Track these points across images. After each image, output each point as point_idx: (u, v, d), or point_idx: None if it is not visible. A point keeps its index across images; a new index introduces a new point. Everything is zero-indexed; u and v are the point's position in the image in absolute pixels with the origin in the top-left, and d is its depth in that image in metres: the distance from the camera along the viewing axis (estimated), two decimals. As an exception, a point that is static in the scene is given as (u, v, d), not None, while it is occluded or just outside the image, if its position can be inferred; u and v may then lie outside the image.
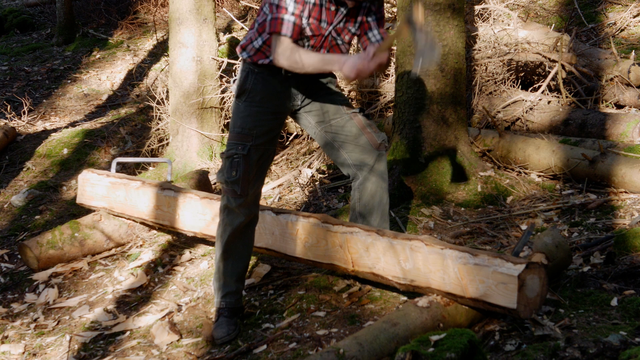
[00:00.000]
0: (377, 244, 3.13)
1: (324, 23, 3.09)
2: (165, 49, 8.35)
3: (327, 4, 3.06)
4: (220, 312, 3.36)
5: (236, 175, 3.21)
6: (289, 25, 3.01)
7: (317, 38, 3.11)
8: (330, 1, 3.06)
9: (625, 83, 5.87)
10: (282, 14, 3.01)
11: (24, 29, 11.42)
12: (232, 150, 3.22)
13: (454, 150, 4.52)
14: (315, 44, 3.12)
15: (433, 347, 2.31)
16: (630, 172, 4.31)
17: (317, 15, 3.07)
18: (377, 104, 6.25)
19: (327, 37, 3.13)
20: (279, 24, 3.01)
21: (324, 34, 3.11)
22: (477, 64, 6.01)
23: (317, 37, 3.11)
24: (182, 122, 6.11)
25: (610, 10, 7.73)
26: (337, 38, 3.16)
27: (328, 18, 3.09)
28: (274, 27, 3.02)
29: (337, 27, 3.13)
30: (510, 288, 2.65)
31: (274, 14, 3.02)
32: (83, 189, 4.91)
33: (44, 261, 4.53)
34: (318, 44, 3.13)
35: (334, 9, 3.08)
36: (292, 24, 3.01)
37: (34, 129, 7.37)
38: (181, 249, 4.51)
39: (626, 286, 3.07)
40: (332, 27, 3.11)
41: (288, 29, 3.02)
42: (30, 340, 3.81)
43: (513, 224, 4.12)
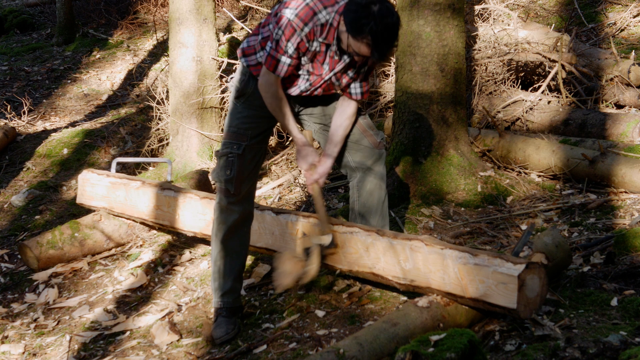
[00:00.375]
0: (377, 244, 3.13)
1: (326, 66, 3.15)
2: (165, 49, 8.35)
3: (332, 52, 3.11)
4: (219, 312, 3.37)
5: (230, 174, 3.24)
6: (283, 67, 3.09)
7: (317, 77, 3.18)
8: (335, 52, 3.11)
9: (625, 83, 5.87)
10: (279, 55, 3.06)
11: (24, 29, 11.42)
12: (227, 149, 3.25)
13: (454, 150, 4.52)
14: (314, 83, 3.20)
15: (433, 347, 2.31)
16: (630, 172, 4.31)
17: (321, 59, 3.13)
18: (377, 104, 6.25)
19: (326, 80, 3.20)
20: (274, 65, 3.09)
21: (324, 78, 3.18)
22: (477, 64, 6.01)
23: (317, 78, 3.18)
24: (182, 122, 6.11)
25: (610, 10, 7.73)
26: (335, 83, 3.23)
27: (330, 64, 3.15)
28: (269, 65, 3.10)
29: (337, 73, 3.19)
30: (510, 288, 2.65)
31: (272, 51, 3.07)
32: (83, 189, 4.90)
33: (44, 261, 4.53)
34: (317, 83, 3.20)
35: (337, 58, 3.13)
36: (286, 66, 3.09)
37: (34, 129, 7.37)
38: (181, 249, 4.51)
39: (626, 286, 3.07)
40: (332, 74, 3.18)
41: (281, 71, 3.10)
42: (30, 340, 3.81)
43: (513, 224, 4.12)
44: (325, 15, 3.01)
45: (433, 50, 4.45)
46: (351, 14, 2.92)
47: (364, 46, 2.94)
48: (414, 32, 4.46)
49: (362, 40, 2.92)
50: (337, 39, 3.06)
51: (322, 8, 3.01)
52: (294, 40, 3.02)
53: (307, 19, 2.99)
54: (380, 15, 2.87)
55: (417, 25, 4.45)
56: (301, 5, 3.00)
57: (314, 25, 3.00)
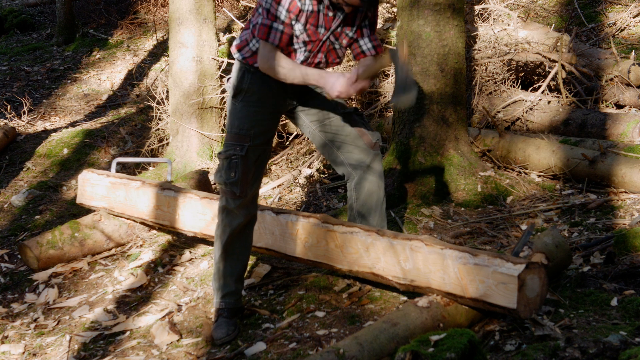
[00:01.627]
0: (377, 244, 3.13)
1: (322, 28, 3.09)
2: (165, 49, 8.35)
3: (325, 9, 3.05)
4: (220, 313, 3.37)
5: (235, 176, 3.21)
6: (276, 34, 3.01)
7: (314, 43, 3.11)
8: (327, 7, 3.05)
9: (625, 83, 5.87)
10: (271, 21, 3.00)
11: (24, 29, 11.42)
12: (230, 151, 3.22)
13: (454, 150, 4.52)
14: (312, 49, 3.12)
15: (433, 347, 2.31)
16: (630, 172, 4.31)
17: (315, 21, 3.06)
18: (377, 104, 6.25)
19: (324, 42, 3.13)
20: (266, 32, 3.01)
21: (322, 39, 3.11)
22: (477, 64, 6.01)
23: (315, 42, 3.11)
24: (182, 122, 6.11)
25: (610, 10, 7.73)
26: (334, 42, 3.16)
27: (326, 23, 3.09)
28: (261, 33, 3.03)
29: (335, 31, 3.13)
30: (510, 288, 2.65)
31: (263, 20, 3.01)
32: (83, 189, 4.91)
33: (44, 261, 4.53)
34: (315, 48, 3.13)
35: (332, 14, 3.07)
36: (279, 32, 3.02)
37: (34, 129, 7.37)
38: (181, 249, 4.51)
39: (626, 286, 3.07)
40: (329, 32, 3.11)
41: (275, 38, 3.02)
42: (30, 340, 3.81)
43: (513, 224, 4.12)
44: None
45: (433, 50, 4.45)
46: None
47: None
48: (414, 32, 4.47)
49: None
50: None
51: None
52: (284, 3, 2.97)
53: None
54: None
55: (417, 25, 4.45)
56: None
57: None
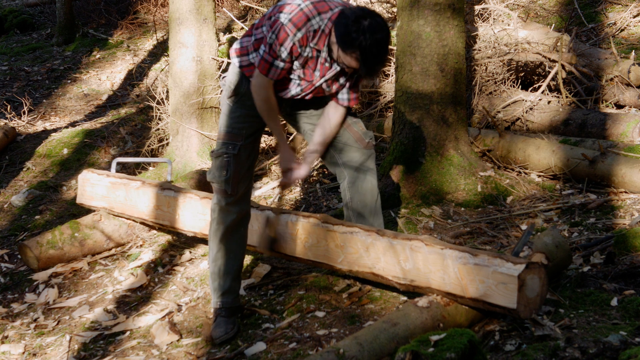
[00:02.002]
0: (377, 244, 3.13)
1: (317, 72, 3.15)
2: (165, 49, 8.35)
3: (323, 59, 3.11)
4: (218, 312, 3.37)
5: (227, 174, 3.25)
6: (276, 71, 3.10)
7: (308, 84, 3.18)
8: (325, 59, 3.11)
9: (625, 83, 5.87)
10: (273, 59, 3.07)
11: (24, 29, 11.42)
12: (222, 149, 3.26)
13: (454, 150, 4.52)
14: (305, 89, 3.20)
15: (433, 347, 2.31)
16: (630, 172, 4.31)
17: (313, 66, 3.13)
18: (377, 104, 6.25)
19: (317, 87, 3.20)
20: (267, 68, 3.09)
21: (315, 84, 3.18)
22: (477, 64, 6.01)
23: (309, 84, 3.18)
24: (182, 122, 6.11)
25: (610, 10, 7.73)
26: (325, 89, 3.23)
27: (321, 71, 3.15)
28: (262, 68, 3.10)
29: (328, 80, 3.19)
30: (510, 288, 2.65)
31: (265, 55, 3.07)
32: (83, 189, 4.90)
33: (44, 261, 4.53)
34: (307, 89, 3.21)
35: (328, 65, 3.13)
36: (279, 69, 3.09)
37: (34, 129, 7.37)
38: (181, 249, 4.51)
39: (626, 286, 3.07)
40: (322, 80, 3.18)
41: (274, 75, 3.11)
42: (30, 340, 3.81)
43: (513, 224, 4.12)
44: (318, 22, 3.02)
45: (433, 50, 4.45)
46: (342, 27, 2.93)
47: (353, 60, 2.96)
48: (414, 32, 4.46)
49: (351, 54, 2.94)
50: (328, 47, 3.06)
51: (316, 14, 3.01)
52: (287, 45, 3.02)
53: (300, 24, 3.00)
54: (370, 30, 2.88)
55: (417, 25, 4.45)
56: (295, 11, 3.00)
57: (307, 30, 3.01)
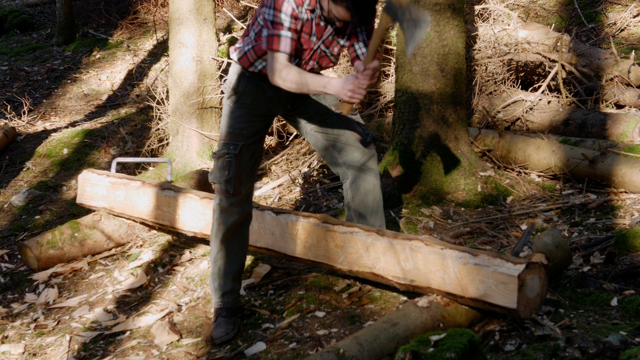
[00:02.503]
0: (377, 244, 3.13)
1: (314, 37, 3.11)
2: (165, 49, 8.35)
3: (317, 19, 3.07)
4: (219, 312, 3.37)
5: (229, 175, 3.24)
6: (286, 42, 3.00)
7: (306, 51, 3.13)
8: (320, 17, 3.07)
9: (625, 83, 5.87)
10: (278, 30, 2.99)
11: (24, 29, 11.42)
12: (224, 150, 3.25)
13: (454, 150, 4.52)
14: (304, 57, 3.15)
15: (433, 347, 2.31)
16: (630, 172, 4.31)
17: (308, 30, 3.08)
18: (377, 104, 6.25)
19: (315, 50, 3.15)
20: (276, 42, 3.00)
21: (313, 47, 3.13)
22: (477, 64, 6.01)
23: (307, 51, 3.13)
24: (182, 122, 6.11)
25: (610, 10, 7.73)
26: (326, 51, 3.18)
27: (317, 33, 3.11)
28: (271, 44, 3.01)
29: (326, 40, 3.15)
30: (510, 288, 2.65)
31: (270, 30, 3.01)
32: (83, 189, 4.91)
33: (44, 261, 4.53)
34: (307, 56, 3.15)
35: (323, 24, 3.10)
36: (289, 40, 3.01)
37: (34, 129, 7.37)
38: (181, 249, 4.51)
39: (626, 286, 3.07)
40: (320, 42, 3.14)
41: (286, 46, 3.01)
42: (30, 340, 3.81)
43: (513, 224, 4.12)
44: None
45: (433, 50, 4.45)
46: None
47: (344, 10, 2.91)
48: (414, 32, 4.46)
49: (341, 3, 2.90)
50: (319, 4, 3.02)
51: None
52: (286, 9, 2.98)
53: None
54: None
55: (417, 25, 4.44)
56: None
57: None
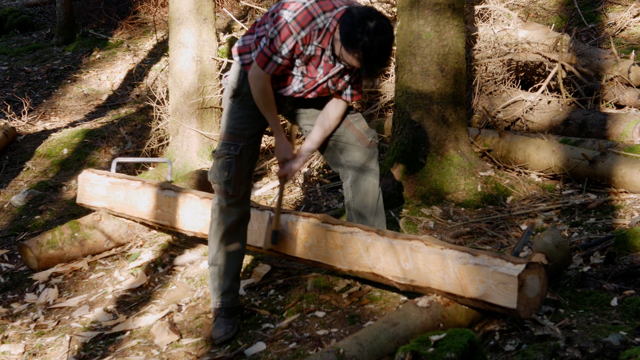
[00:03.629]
0: (377, 244, 3.13)
1: (321, 70, 3.14)
2: (165, 49, 8.35)
3: (327, 58, 3.10)
4: (218, 313, 3.37)
5: (228, 175, 3.25)
6: (273, 65, 3.07)
7: (310, 81, 3.16)
8: (329, 56, 3.10)
9: (625, 83, 5.87)
10: (272, 53, 3.05)
11: (24, 29, 11.42)
12: (224, 150, 3.26)
13: (454, 150, 4.52)
14: (307, 86, 3.18)
15: (433, 347, 2.31)
16: (630, 172, 4.31)
17: (316, 63, 3.12)
18: (377, 104, 6.25)
19: (321, 84, 3.19)
20: (264, 62, 3.07)
21: (318, 81, 3.17)
22: (477, 64, 6.01)
23: (311, 80, 3.16)
24: (182, 122, 6.11)
25: (610, 10, 7.73)
26: (331, 87, 3.21)
27: (325, 69, 3.14)
28: (259, 61, 3.09)
29: (333, 78, 3.18)
30: (510, 288, 2.65)
31: (265, 48, 3.05)
32: (83, 189, 4.90)
33: (44, 261, 4.53)
34: (310, 86, 3.19)
35: (332, 62, 3.12)
36: (277, 65, 3.07)
37: (34, 129, 7.37)
38: (181, 249, 4.51)
39: (626, 286, 3.07)
40: (326, 77, 3.17)
41: (270, 69, 3.09)
42: (30, 340, 3.81)
43: (513, 224, 4.12)
44: (323, 20, 3.00)
45: (433, 50, 4.45)
46: (347, 26, 2.92)
47: (355, 60, 2.96)
48: (414, 32, 4.46)
49: (353, 54, 2.94)
50: (332, 44, 3.05)
51: (320, 13, 3.00)
52: (289, 43, 3.01)
53: (304, 23, 2.98)
54: (375, 32, 2.88)
55: (417, 25, 4.45)
56: (300, 9, 2.98)
57: (311, 29, 3.00)
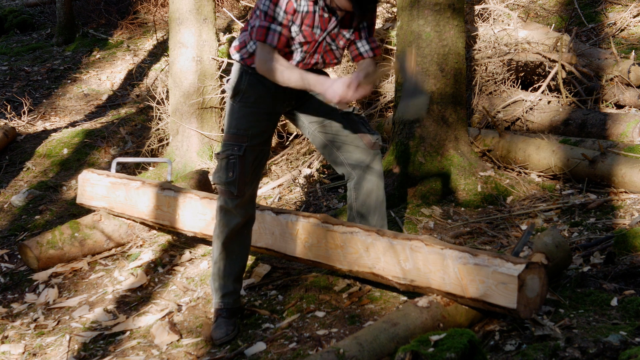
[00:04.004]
0: (377, 244, 3.13)
1: (317, 29, 3.09)
2: (165, 49, 8.35)
3: (321, 11, 3.06)
4: (219, 313, 3.37)
5: (232, 176, 3.22)
6: (274, 35, 3.01)
7: (310, 44, 3.11)
8: (323, 9, 3.05)
9: (625, 83, 5.87)
10: (269, 23, 3.00)
11: (24, 29, 11.42)
12: (228, 151, 3.22)
13: (454, 150, 4.52)
14: (308, 50, 3.12)
15: (433, 347, 2.31)
16: (630, 172, 4.31)
17: (310, 22, 3.06)
18: (377, 104, 6.25)
19: (320, 43, 3.13)
20: (264, 33, 3.01)
21: (318, 40, 3.11)
22: (477, 64, 6.01)
23: (311, 43, 3.11)
24: (182, 122, 6.11)
25: (610, 10, 7.73)
26: (331, 44, 3.16)
27: (322, 25, 3.09)
28: (259, 35, 3.02)
29: (332, 32, 3.13)
30: (510, 288, 2.65)
31: (261, 21, 3.02)
32: (83, 189, 4.91)
33: (44, 261, 4.53)
34: (311, 49, 3.13)
35: (327, 15, 3.08)
36: (277, 34, 3.02)
37: (34, 129, 7.37)
38: (181, 249, 4.51)
39: (626, 286, 3.07)
40: (325, 34, 3.11)
41: (273, 39, 3.02)
42: (30, 340, 3.81)
43: (513, 224, 4.12)
44: None
45: (433, 50, 4.45)
46: None
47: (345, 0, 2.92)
48: (414, 32, 4.47)
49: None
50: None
51: None
52: (282, 3, 2.98)
53: None
54: None
55: (417, 25, 4.45)
56: None
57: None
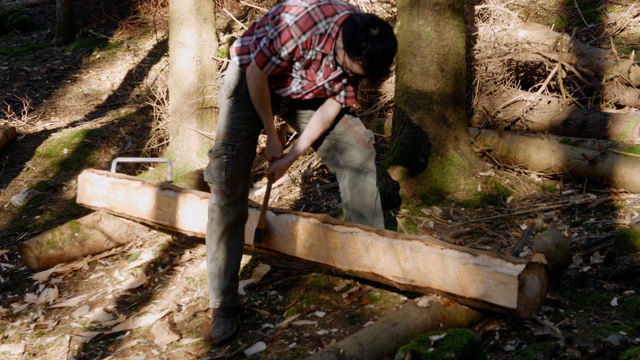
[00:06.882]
0: (377, 244, 3.13)
1: (321, 73, 3.16)
2: (165, 49, 8.35)
3: (328, 62, 3.12)
4: (217, 312, 3.37)
5: (225, 175, 3.26)
6: (271, 67, 3.10)
7: (310, 83, 3.18)
8: (331, 61, 3.11)
9: (625, 83, 5.87)
10: (270, 54, 3.06)
11: (24, 29, 11.42)
12: (221, 150, 3.26)
13: (454, 150, 4.52)
14: (306, 87, 3.20)
15: (433, 347, 2.31)
16: (630, 172, 4.31)
17: (316, 67, 3.14)
18: (377, 104, 6.25)
19: (319, 87, 3.21)
20: (263, 62, 3.10)
21: (317, 84, 3.18)
22: (477, 64, 6.00)
23: (310, 83, 3.18)
24: (182, 122, 6.11)
25: (610, 10, 7.73)
26: (327, 89, 3.23)
27: (325, 72, 3.16)
28: (258, 61, 3.11)
29: (331, 80, 3.20)
30: (510, 288, 2.65)
31: (264, 49, 3.07)
32: (83, 189, 4.90)
33: (44, 261, 4.53)
34: (309, 88, 3.20)
35: (333, 66, 3.14)
36: (274, 66, 3.10)
37: (34, 129, 7.37)
38: (181, 249, 4.51)
39: (626, 286, 3.08)
40: (325, 81, 3.19)
41: (269, 70, 3.11)
42: (30, 340, 3.81)
43: (513, 224, 4.12)
44: (324, 25, 3.01)
45: (433, 50, 4.45)
46: (350, 34, 2.93)
47: (359, 67, 2.97)
48: (414, 32, 4.46)
49: (357, 61, 2.95)
50: (334, 51, 3.06)
51: (322, 18, 3.00)
52: (289, 46, 3.02)
53: (305, 28, 2.99)
54: (379, 39, 2.90)
55: (417, 25, 4.45)
56: (302, 13, 2.99)
57: (312, 34, 3.00)
